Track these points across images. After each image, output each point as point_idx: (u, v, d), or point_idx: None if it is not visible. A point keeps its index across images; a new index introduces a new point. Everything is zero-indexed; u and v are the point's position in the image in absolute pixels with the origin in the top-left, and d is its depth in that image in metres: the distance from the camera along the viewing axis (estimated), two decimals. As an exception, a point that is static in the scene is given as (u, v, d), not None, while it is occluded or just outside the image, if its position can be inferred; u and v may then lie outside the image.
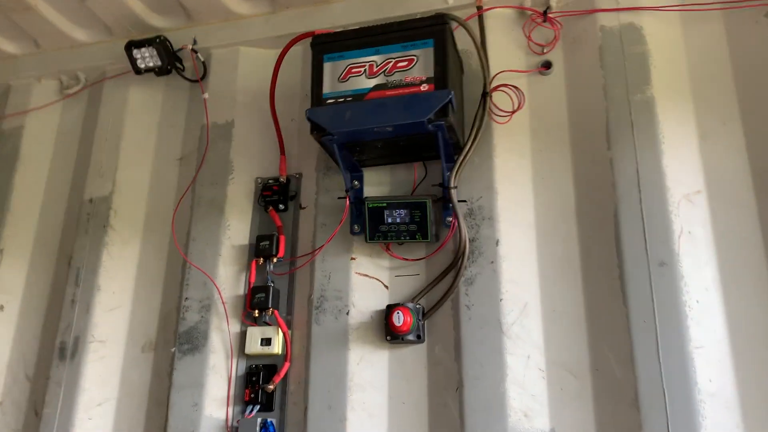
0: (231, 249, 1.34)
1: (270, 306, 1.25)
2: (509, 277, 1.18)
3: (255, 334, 1.26)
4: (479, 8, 1.32)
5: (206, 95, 1.44)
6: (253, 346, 1.25)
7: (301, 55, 1.45)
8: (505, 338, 1.14)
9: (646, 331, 1.07)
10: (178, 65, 1.50)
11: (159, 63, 1.46)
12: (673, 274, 1.09)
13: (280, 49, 1.45)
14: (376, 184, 1.31)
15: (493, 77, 1.25)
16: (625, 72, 1.22)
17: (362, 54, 1.17)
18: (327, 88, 1.17)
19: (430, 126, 1.10)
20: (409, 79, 1.13)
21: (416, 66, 1.13)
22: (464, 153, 1.21)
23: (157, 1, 1.48)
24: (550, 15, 1.30)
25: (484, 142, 1.25)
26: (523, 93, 1.24)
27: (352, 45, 1.18)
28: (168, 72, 1.50)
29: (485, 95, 1.23)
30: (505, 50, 1.32)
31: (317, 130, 1.14)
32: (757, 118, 1.16)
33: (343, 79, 1.16)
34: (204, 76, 1.49)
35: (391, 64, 1.15)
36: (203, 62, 1.48)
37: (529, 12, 1.32)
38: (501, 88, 1.24)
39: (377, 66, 1.15)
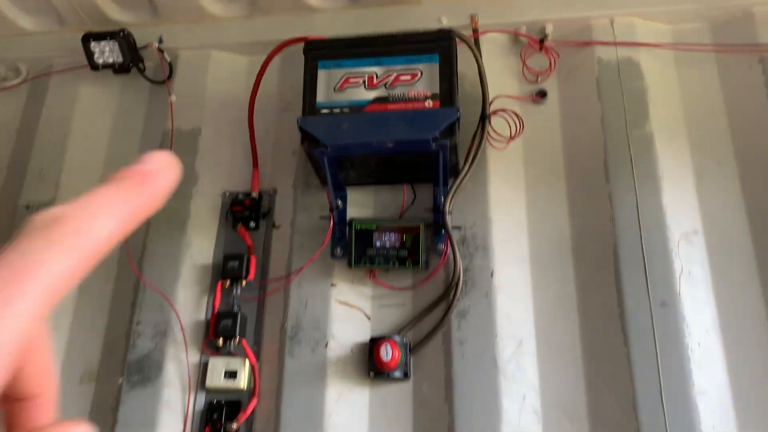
0: (192, 269, 1.20)
1: (237, 334, 1.12)
2: (504, 311, 1.10)
3: (218, 365, 1.11)
4: (475, 31, 1.27)
5: (173, 98, 1.31)
6: (216, 380, 1.11)
7: (278, 64, 1.35)
8: (501, 377, 1.06)
9: (648, 374, 1.02)
10: (140, 64, 1.36)
11: (120, 59, 1.31)
12: (675, 316, 1.05)
13: (255, 56, 1.36)
14: (359, 204, 1.21)
15: (491, 101, 1.19)
16: (624, 106, 1.20)
17: (361, 64, 1.08)
18: (321, 97, 1.07)
19: (433, 144, 1.02)
20: (413, 93, 1.05)
21: (420, 81, 1.06)
22: (461, 176, 1.14)
23: (122, -8, 1.34)
24: (547, 44, 1.26)
25: (479, 167, 1.18)
26: (522, 120, 1.18)
27: (350, 53, 1.09)
28: (128, 70, 1.35)
29: (484, 118, 1.17)
30: (498, 76, 1.27)
31: (309, 140, 1.04)
32: (752, 161, 1.16)
33: (339, 89, 1.07)
34: (169, 78, 1.35)
35: (393, 76, 1.07)
36: (169, 63, 1.35)
37: (525, 39, 1.28)
38: (500, 113, 1.18)
39: (378, 78, 1.07)
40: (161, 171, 0.27)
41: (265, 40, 1.34)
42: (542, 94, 1.26)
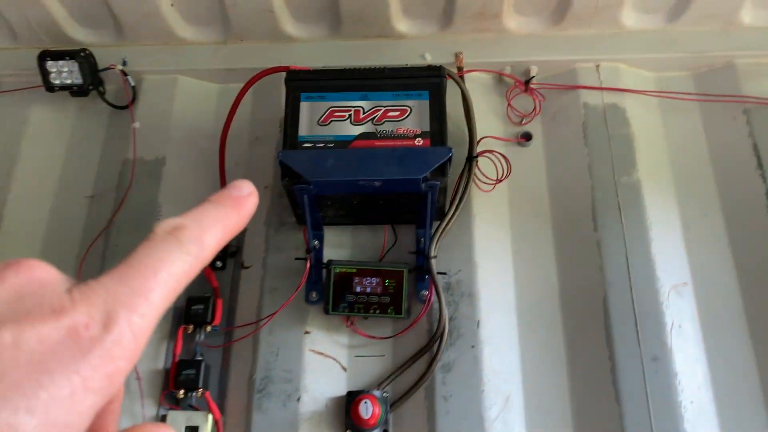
0: (151, 311, 1.09)
1: (201, 386, 1.02)
2: (491, 364, 1.03)
3: (178, 420, 1.00)
4: (460, 69, 1.23)
5: (137, 124, 1.21)
6: (175, 437, 1.00)
7: (250, 94, 1.26)
8: (488, 437, 0.98)
9: (641, 434, 0.97)
10: (101, 87, 1.26)
11: (80, 81, 1.21)
12: (667, 371, 1.01)
13: (227, 84, 1.30)
14: (336, 245, 1.14)
15: (478, 142, 1.14)
16: (611, 152, 1.17)
17: (347, 97, 1.02)
18: (304, 130, 1.00)
19: (423, 185, 0.96)
20: (402, 131, 0.99)
21: (409, 118, 1.00)
22: (447, 219, 1.08)
23: (84, 10, 1.24)
24: (532, 86, 1.23)
25: (464, 210, 1.13)
26: (509, 161, 1.14)
27: (335, 86, 1.03)
28: (86, 93, 1.25)
29: (471, 159, 1.12)
30: (482, 116, 1.22)
31: (290, 176, 0.97)
32: (738, 213, 1.14)
33: (323, 123, 1.00)
34: (132, 103, 1.26)
35: (380, 112, 1.01)
36: (133, 87, 1.26)
37: (510, 80, 1.25)
38: (486, 154, 1.14)
39: (364, 112, 1.01)
40: (250, 197, 0.30)
41: (238, 67, 1.27)
42: (527, 137, 1.22)
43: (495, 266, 1.11)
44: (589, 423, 1.01)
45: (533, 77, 1.23)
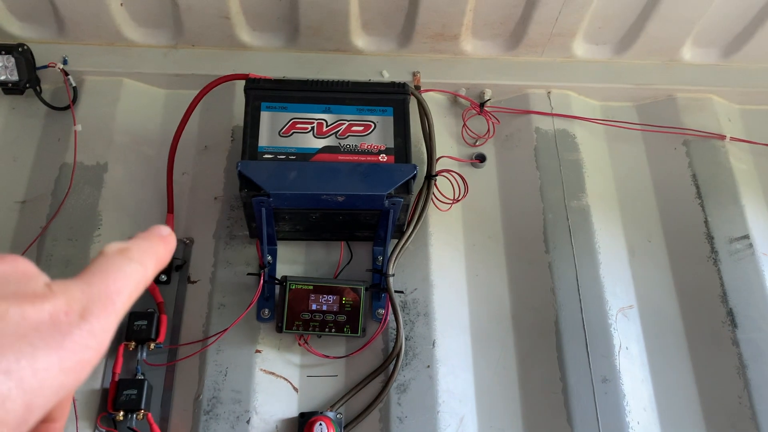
0: (88, 327, 1.02)
1: (143, 407, 0.95)
2: (446, 385, 1.02)
3: (116, 444, 0.94)
4: (417, 88, 1.23)
5: (79, 127, 1.14)
6: (112, 462, 0.93)
7: (200, 102, 1.23)
8: (443, 459, 0.97)
9: (592, 455, 0.99)
10: (37, 86, 1.18)
11: (14, 78, 1.13)
12: (616, 392, 1.03)
13: (175, 90, 1.25)
14: (289, 261, 1.10)
15: (437, 160, 1.14)
16: (561, 176, 1.20)
17: (310, 109, 1.00)
18: (264, 140, 0.96)
19: (386, 202, 0.95)
20: (366, 146, 0.98)
21: (373, 133, 0.99)
22: (406, 237, 1.07)
23: (22, 3, 1.16)
24: (487, 108, 1.25)
25: (421, 229, 1.12)
26: (466, 181, 1.14)
27: (298, 97, 1.00)
28: (21, 92, 1.17)
29: (430, 178, 1.11)
30: (438, 136, 1.22)
31: (248, 187, 0.93)
32: (679, 240, 1.19)
33: (285, 134, 0.97)
34: (72, 105, 1.18)
35: (344, 126, 0.99)
36: (74, 88, 1.18)
37: (464, 101, 1.26)
38: (444, 173, 1.14)
39: (327, 126, 0.99)
40: (170, 236, 0.34)
41: (188, 73, 1.23)
42: (481, 158, 1.23)
43: (450, 285, 1.11)
44: (542, 444, 1.01)
45: (488, 100, 1.25)
